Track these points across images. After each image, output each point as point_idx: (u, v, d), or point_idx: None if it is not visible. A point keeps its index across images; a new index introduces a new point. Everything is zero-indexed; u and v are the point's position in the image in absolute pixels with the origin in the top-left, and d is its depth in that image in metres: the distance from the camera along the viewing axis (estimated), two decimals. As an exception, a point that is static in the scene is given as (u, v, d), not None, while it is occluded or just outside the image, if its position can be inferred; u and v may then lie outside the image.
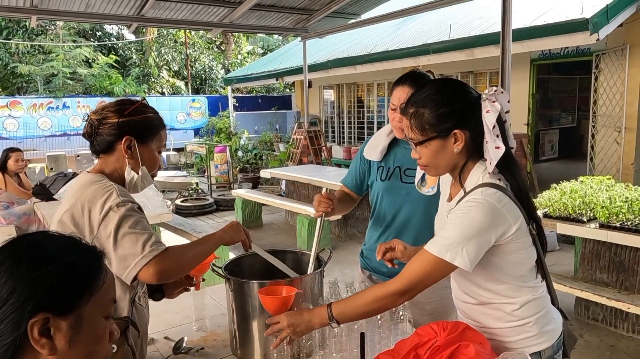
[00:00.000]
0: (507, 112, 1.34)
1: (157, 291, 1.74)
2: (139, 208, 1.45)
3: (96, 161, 1.56)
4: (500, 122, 1.33)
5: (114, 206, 1.38)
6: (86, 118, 1.53)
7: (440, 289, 1.78)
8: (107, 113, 1.50)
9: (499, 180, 1.34)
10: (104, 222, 1.37)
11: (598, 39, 5.34)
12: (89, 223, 1.38)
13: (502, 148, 1.30)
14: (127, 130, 1.50)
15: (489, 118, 1.31)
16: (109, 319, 0.85)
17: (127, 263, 1.35)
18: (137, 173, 1.54)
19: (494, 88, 1.34)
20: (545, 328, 1.42)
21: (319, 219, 1.90)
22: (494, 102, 1.31)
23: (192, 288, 1.80)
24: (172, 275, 1.45)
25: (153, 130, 1.56)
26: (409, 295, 1.35)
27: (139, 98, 1.59)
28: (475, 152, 1.38)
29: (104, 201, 1.38)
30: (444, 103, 1.34)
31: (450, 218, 1.34)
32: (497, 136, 1.31)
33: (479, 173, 1.36)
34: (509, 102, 1.34)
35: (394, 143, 2.07)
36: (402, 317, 1.60)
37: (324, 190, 1.94)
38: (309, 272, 1.74)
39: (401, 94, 1.88)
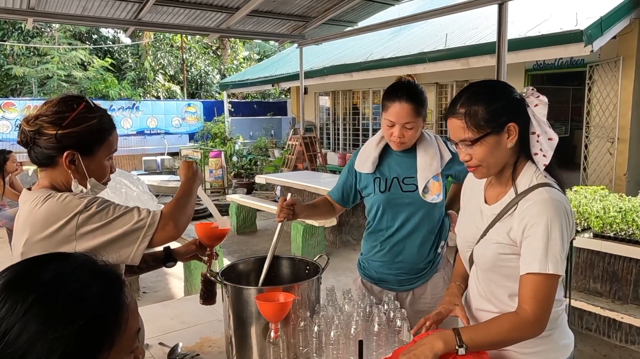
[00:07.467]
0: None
1: (170, 259, 1.74)
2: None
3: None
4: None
5: (82, 210, 1.26)
6: (18, 125, 1.33)
7: (440, 297, 1.77)
8: (42, 124, 1.28)
9: (553, 181, 1.34)
10: (80, 227, 1.25)
11: (592, 51, 5.40)
12: (62, 238, 1.25)
13: (556, 138, 1.32)
14: (68, 144, 1.29)
15: (539, 111, 1.32)
16: (135, 350, 0.77)
17: (134, 237, 1.27)
18: (85, 187, 1.36)
19: (530, 87, 1.36)
20: (561, 341, 1.41)
21: (279, 224, 1.84)
22: (538, 96, 1.32)
23: (207, 269, 1.72)
24: (186, 223, 1.39)
25: (99, 138, 1.35)
26: (544, 324, 1.26)
27: (79, 97, 1.35)
28: (524, 150, 1.37)
29: (68, 211, 1.25)
30: (496, 98, 1.34)
31: (528, 227, 1.27)
32: (549, 127, 1.33)
33: (530, 174, 1.36)
34: (546, 104, 1.34)
35: (385, 152, 2.03)
36: (399, 328, 1.59)
37: (289, 196, 1.86)
38: (261, 279, 1.76)
39: (400, 110, 1.85)
